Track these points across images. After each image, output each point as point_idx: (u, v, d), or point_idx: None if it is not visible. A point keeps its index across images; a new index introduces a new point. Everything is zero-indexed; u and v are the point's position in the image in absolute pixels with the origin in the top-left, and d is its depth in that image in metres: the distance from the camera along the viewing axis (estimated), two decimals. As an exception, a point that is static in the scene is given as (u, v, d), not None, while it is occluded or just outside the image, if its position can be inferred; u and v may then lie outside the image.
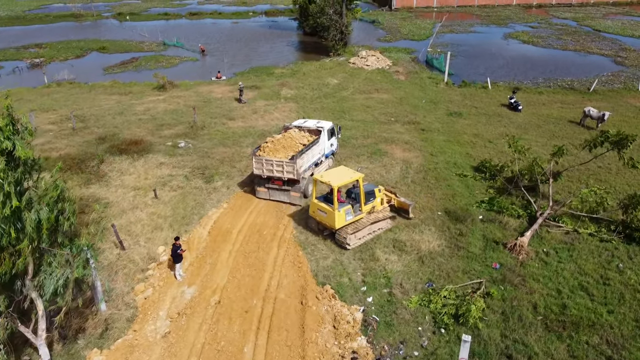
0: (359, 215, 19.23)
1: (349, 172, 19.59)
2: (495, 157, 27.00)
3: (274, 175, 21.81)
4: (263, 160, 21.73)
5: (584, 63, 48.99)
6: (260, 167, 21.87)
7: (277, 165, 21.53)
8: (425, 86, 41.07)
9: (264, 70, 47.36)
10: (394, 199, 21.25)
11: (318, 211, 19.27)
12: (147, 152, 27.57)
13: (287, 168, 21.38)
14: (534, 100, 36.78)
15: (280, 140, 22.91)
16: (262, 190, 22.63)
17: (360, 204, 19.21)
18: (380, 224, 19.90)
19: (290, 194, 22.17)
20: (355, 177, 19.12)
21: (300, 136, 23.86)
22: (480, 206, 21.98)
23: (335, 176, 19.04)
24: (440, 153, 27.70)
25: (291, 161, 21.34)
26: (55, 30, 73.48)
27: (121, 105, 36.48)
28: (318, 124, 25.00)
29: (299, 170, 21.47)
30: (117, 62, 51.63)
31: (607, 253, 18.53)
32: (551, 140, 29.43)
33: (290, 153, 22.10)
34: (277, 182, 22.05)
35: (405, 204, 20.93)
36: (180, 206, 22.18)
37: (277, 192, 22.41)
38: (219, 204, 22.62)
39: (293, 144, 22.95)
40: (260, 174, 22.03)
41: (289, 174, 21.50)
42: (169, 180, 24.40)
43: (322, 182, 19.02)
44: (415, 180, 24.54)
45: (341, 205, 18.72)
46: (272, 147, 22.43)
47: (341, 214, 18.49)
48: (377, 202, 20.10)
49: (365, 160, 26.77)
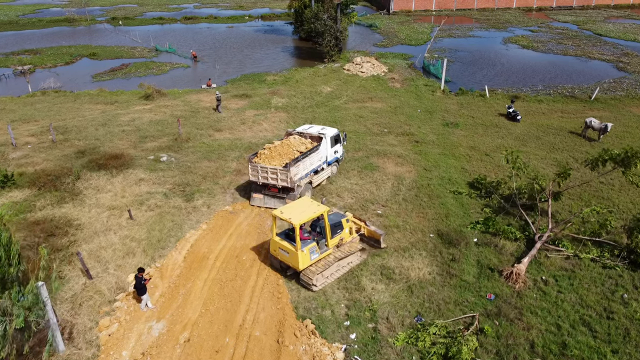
0: (325, 251, 17.37)
1: (312, 205, 17.43)
2: (492, 172, 25.73)
3: (269, 183, 21.82)
4: (258, 167, 21.81)
5: (585, 69, 47.70)
6: (256, 174, 21.99)
7: (272, 172, 21.56)
8: (421, 94, 39.79)
9: (255, 78, 46.13)
10: (363, 228, 19.39)
11: (280, 250, 17.27)
12: (127, 167, 26.31)
13: (281, 176, 21.36)
14: (533, 110, 35.48)
15: (277, 148, 22.90)
16: (257, 196, 22.58)
17: (326, 238, 17.36)
18: (350, 259, 17.97)
19: (285, 201, 21.82)
20: (319, 211, 17.02)
21: (298, 143, 23.69)
22: (475, 227, 20.66)
23: (297, 212, 16.93)
24: (434, 167, 26.40)
25: (284, 169, 21.24)
26: (48, 35, 72.38)
27: (105, 116, 35.25)
28: (321, 131, 24.68)
29: (292, 178, 21.41)
30: (106, 69, 50.43)
31: (610, 281, 17.21)
32: (551, 152, 28.13)
33: (285, 160, 22.02)
34: (273, 189, 22.11)
35: (376, 233, 19.10)
36: (156, 228, 20.88)
37: (272, 199, 22.35)
38: (198, 225, 21.33)
39: (290, 151, 22.89)
40: (256, 181, 22.13)
41: (282, 182, 21.51)
42: (147, 199, 23.11)
43: (282, 219, 16.86)
44: (407, 198, 23.23)
45: (304, 243, 16.83)
46: (268, 154, 22.50)
47: (305, 254, 16.62)
48: (346, 233, 18.19)
49: (355, 176, 25.49)
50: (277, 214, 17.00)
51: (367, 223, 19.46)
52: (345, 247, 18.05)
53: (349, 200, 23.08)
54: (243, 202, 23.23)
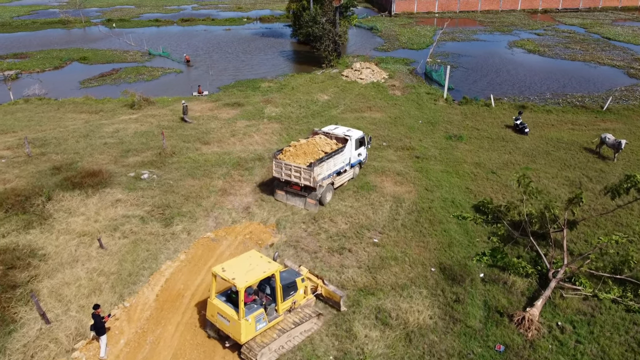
0: (274, 318, 14.42)
1: (261, 263, 14.43)
2: (499, 193, 23.71)
3: (291, 180, 21.95)
4: (282, 164, 21.98)
5: (594, 75, 45.57)
6: (279, 171, 22.20)
7: (295, 170, 21.68)
8: (423, 103, 37.74)
9: (249, 84, 44.12)
10: (320, 287, 16.34)
11: (218, 316, 14.11)
12: (104, 185, 24.36)
13: (304, 175, 21.44)
14: (541, 121, 33.39)
15: (303, 146, 23.06)
16: (280, 193, 22.98)
17: (277, 303, 14.41)
18: (304, 326, 14.92)
19: (306, 200, 22.18)
20: (270, 271, 14.15)
21: (324, 143, 23.76)
22: (482, 260, 18.64)
23: (243, 270, 13.88)
24: (436, 187, 24.38)
25: (308, 168, 21.31)
26: (41, 38, 70.53)
27: (88, 126, 33.32)
28: (347, 132, 24.73)
29: (316, 177, 21.43)
30: (96, 75, 48.49)
31: (635, 329, 15.20)
32: (563, 170, 26.08)
33: (310, 160, 22.14)
34: (295, 187, 22.27)
35: (336, 295, 15.94)
36: (128, 259, 18.92)
37: (293, 197, 22.63)
38: (176, 254, 19.36)
39: (315, 150, 23.01)
40: (279, 177, 22.34)
41: (305, 181, 21.57)
42: (122, 224, 21.15)
43: (223, 278, 13.77)
44: (406, 223, 21.22)
45: (250, 309, 13.76)
46: (293, 152, 22.66)
47: (249, 323, 13.52)
48: (300, 295, 15.25)
49: (350, 197, 23.50)
50: (217, 271, 14.00)
51: (324, 281, 16.39)
52: (299, 313, 15.08)
53: (343, 226, 21.09)
54: (226, 227, 21.26)
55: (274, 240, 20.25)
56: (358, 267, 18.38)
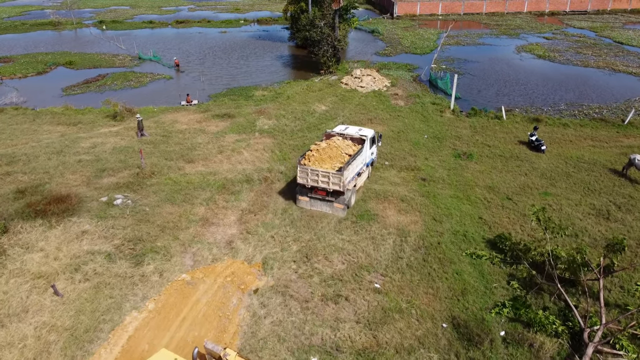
0: None
1: None
2: (516, 224, 20.93)
3: (318, 186, 21.09)
4: (308, 170, 21.11)
5: (610, 84, 42.72)
6: (305, 177, 21.27)
7: (323, 175, 20.88)
8: (428, 115, 34.92)
9: (242, 93, 41.28)
10: None
11: None
12: (71, 213, 21.62)
13: (334, 179, 20.67)
14: (558, 137, 30.56)
15: (326, 150, 22.23)
16: (304, 199, 22.07)
17: None
18: None
19: (333, 205, 21.44)
20: None
21: (344, 145, 23.06)
22: (502, 312, 15.87)
23: None
24: (445, 217, 21.59)
25: (338, 173, 20.59)
26: (28, 40, 67.70)
27: (64, 141, 30.53)
28: (360, 132, 24.30)
29: (345, 182, 20.60)
30: (80, 81, 45.68)
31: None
32: (586, 196, 23.27)
33: (336, 164, 21.58)
34: (321, 192, 21.39)
35: None
36: (87, 308, 16.17)
37: (319, 202, 21.79)
38: (144, 302, 16.61)
39: (339, 153, 22.25)
40: (305, 184, 21.39)
41: (334, 186, 20.78)
42: (85, 262, 18.40)
43: None
44: (412, 263, 18.44)
45: None
46: (317, 157, 21.86)
47: None
48: None
49: (348, 228, 20.73)
50: None
51: None
52: None
53: (340, 266, 18.32)
54: (205, 266, 18.50)
55: (259, 285, 17.50)
56: (356, 322, 15.62)
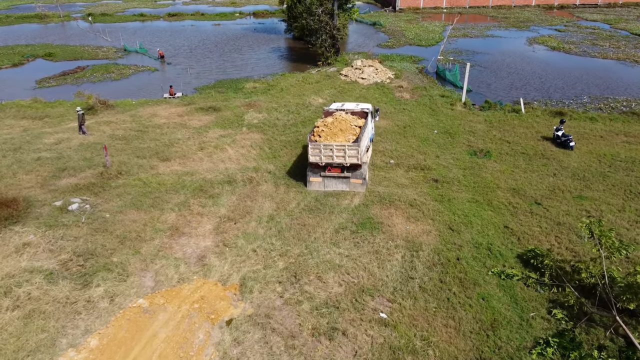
0: None
1: None
2: (550, 235, 17.27)
3: (332, 162, 19.69)
4: (321, 146, 19.45)
5: (633, 76, 39.11)
6: (318, 154, 19.58)
7: (338, 150, 19.38)
8: (437, 108, 31.27)
9: (232, 85, 37.69)
10: None
11: None
12: (15, 220, 18.00)
13: (350, 152, 19.32)
14: (586, 132, 26.90)
15: (335, 124, 20.93)
16: (316, 180, 20.34)
17: None
18: None
19: (350, 181, 20.08)
20: None
21: (352, 118, 21.90)
22: (545, 353, 12.20)
23: None
24: (464, 225, 17.94)
25: (355, 144, 19.29)
26: (10, 32, 64.15)
27: (25, 136, 26.94)
28: (360, 106, 23.45)
29: (362, 153, 19.42)
30: (57, 73, 42.10)
31: None
32: (629, 201, 19.60)
33: (349, 136, 20.29)
34: (335, 170, 19.97)
35: None
36: (10, 347, 12.53)
37: (333, 181, 20.26)
38: (85, 338, 12.97)
39: (349, 126, 21.00)
40: (318, 162, 19.75)
41: (351, 159, 19.46)
42: (20, 283, 14.77)
43: None
44: (426, 285, 14.78)
45: None
46: (328, 132, 20.51)
47: None
48: None
49: (347, 239, 17.09)
50: None
51: None
52: None
53: (336, 288, 14.67)
54: (169, 288, 14.85)
55: (234, 314, 13.83)
56: (356, 367, 11.97)
